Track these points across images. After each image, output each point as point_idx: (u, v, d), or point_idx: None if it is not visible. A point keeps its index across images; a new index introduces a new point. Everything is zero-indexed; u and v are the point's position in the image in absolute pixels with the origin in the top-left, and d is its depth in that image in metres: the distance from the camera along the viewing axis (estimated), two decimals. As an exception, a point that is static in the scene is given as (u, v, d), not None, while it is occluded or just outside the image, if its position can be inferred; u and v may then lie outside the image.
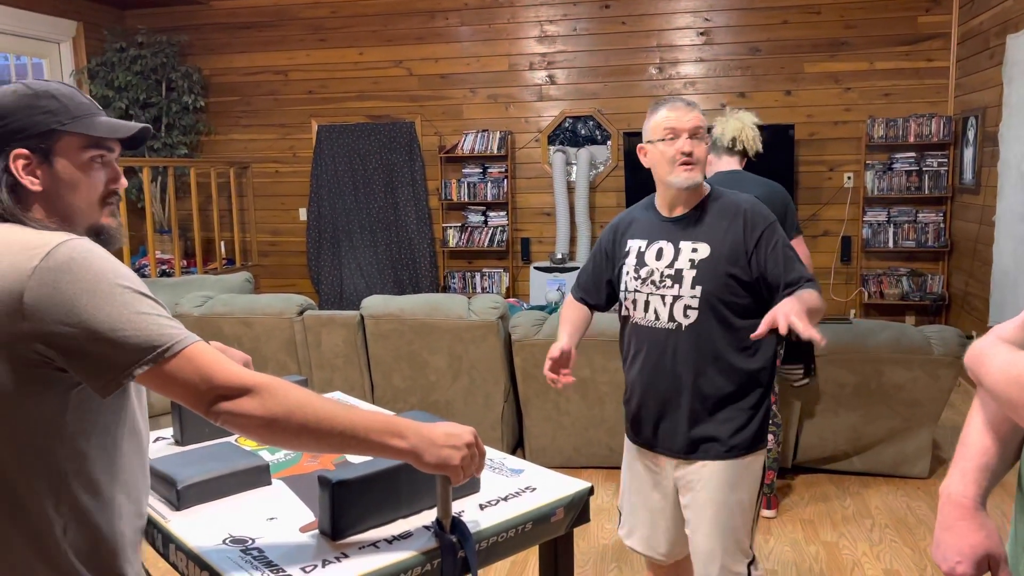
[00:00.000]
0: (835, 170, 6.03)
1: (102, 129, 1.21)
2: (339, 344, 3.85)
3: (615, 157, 6.39)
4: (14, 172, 1.17)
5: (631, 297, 2.03)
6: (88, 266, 1.09)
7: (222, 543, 1.35)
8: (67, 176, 1.20)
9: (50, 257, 1.08)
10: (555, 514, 1.49)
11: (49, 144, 1.18)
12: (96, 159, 1.22)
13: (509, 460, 1.69)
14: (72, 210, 1.21)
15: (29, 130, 1.17)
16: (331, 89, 6.82)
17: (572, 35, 6.37)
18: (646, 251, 2.01)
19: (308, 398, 1.18)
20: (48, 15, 6.22)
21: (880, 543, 3.09)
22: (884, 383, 3.52)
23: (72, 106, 1.20)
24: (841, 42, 5.94)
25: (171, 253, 6.37)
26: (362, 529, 1.36)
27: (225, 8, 6.86)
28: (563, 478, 1.60)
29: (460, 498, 1.49)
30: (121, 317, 1.09)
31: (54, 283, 1.07)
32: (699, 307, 1.92)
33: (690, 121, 1.93)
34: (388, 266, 6.83)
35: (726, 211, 1.96)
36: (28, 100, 1.18)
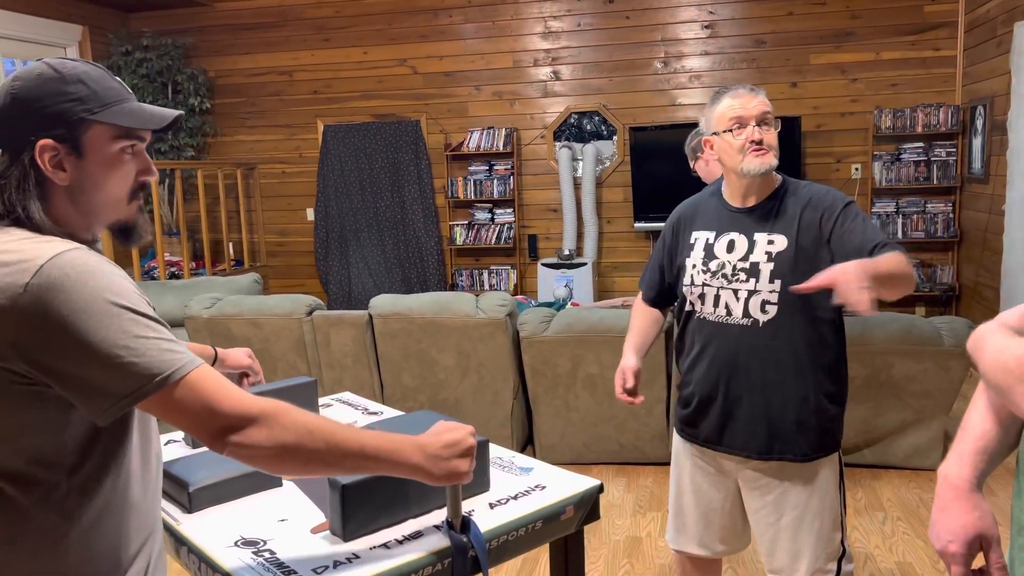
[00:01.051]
0: (842, 162, 6.00)
1: (135, 118, 1.11)
2: (348, 343, 3.86)
3: (621, 152, 6.38)
4: (41, 165, 1.08)
5: (698, 291, 1.94)
6: (83, 284, 1.01)
7: (234, 545, 1.35)
8: (96, 169, 1.10)
9: (42, 273, 1.00)
10: (565, 512, 1.48)
11: (78, 134, 1.08)
12: (127, 149, 1.12)
13: (519, 459, 1.69)
14: (98, 205, 1.12)
15: (56, 119, 1.07)
16: (336, 89, 6.83)
17: (576, 31, 6.36)
18: (715, 243, 1.92)
19: (316, 423, 1.13)
20: (54, 20, 6.24)
21: (893, 535, 3.08)
22: (894, 375, 3.50)
23: (102, 92, 1.10)
24: (847, 32, 5.91)
25: (180, 255, 6.40)
26: (373, 529, 1.36)
27: (229, 9, 6.88)
28: (572, 476, 1.59)
29: (469, 497, 1.49)
30: (118, 342, 1.01)
31: (46, 302, 0.99)
32: (779, 302, 1.83)
33: (756, 107, 1.84)
34: (396, 265, 6.84)
35: (802, 201, 1.86)
36: (55, 85, 1.08)
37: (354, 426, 1.20)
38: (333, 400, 2.10)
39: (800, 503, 1.91)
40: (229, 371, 1.87)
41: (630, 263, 6.50)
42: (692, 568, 2.17)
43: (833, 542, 1.92)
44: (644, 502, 3.42)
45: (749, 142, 1.83)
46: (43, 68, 1.10)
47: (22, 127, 1.07)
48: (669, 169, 6.11)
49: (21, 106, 1.07)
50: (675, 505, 2.12)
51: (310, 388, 1.88)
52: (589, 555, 2.99)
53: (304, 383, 1.87)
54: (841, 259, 1.76)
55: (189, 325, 4.05)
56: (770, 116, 1.86)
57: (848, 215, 1.83)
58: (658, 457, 3.74)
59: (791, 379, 1.87)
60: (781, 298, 1.83)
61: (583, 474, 1.62)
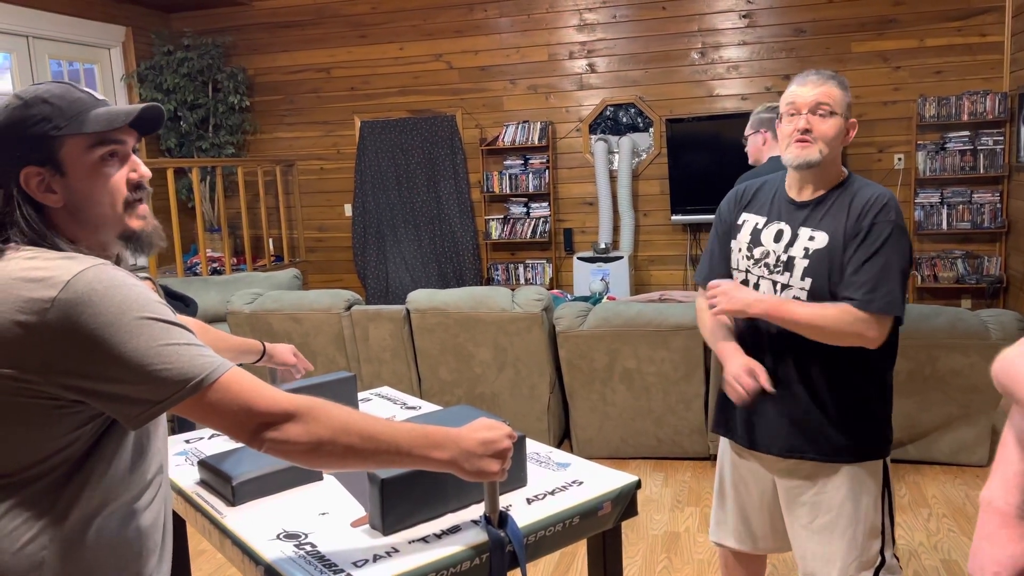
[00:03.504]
0: (885, 151, 5.88)
1: (99, 123, 1.10)
2: (386, 338, 3.90)
3: (658, 144, 6.33)
4: (30, 193, 1.08)
5: (740, 277, 1.89)
6: (111, 297, 1.02)
7: (276, 538, 1.37)
8: (82, 183, 1.10)
9: (69, 288, 1.00)
10: (602, 508, 1.48)
11: (54, 153, 1.08)
12: (107, 156, 1.11)
13: (556, 454, 1.69)
14: (99, 219, 1.12)
15: (30, 144, 1.07)
16: (373, 85, 6.88)
17: (612, 22, 6.32)
18: (763, 229, 1.87)
19: (351, 417, 1.15)
20: (98, 21, 6.38)
21: (937, 533, 3.02)
22: (939, 369, 3.43)
23: (65, 106, 1.09)
24: (889, 19, 5.78)
25: (221, 251, 6.51)
26: (411, 524, 1.37)
27: (267, 8, 6.96)
28: (610, 472, 1.59)
29: (507, 492, 1.49)
30: (150, 351, 1.02)
31: (74, 317, 1.00)
32: (808, 300, 1.78)
33: (812, 95, 1.76)
34: (432, 259, 6.87)
35: (854, 201, 1.78)
36: (20, 113, 1.08)
37: (390, 421, 1.21)
38: (372, 395, 2.12)
39: (833, 507, 1.86)
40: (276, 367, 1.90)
41: (667, 256, 6.45)
42: (734, 562, 2.15)
43: (868, 551, 1.86)
44: (682, 497, 3.40)
45: (795, 130, 1.77)
46: (8, 99, 1.11)
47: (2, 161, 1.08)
48: (707, 161, 6.05)
49: None
50: (717, 498, 2.11)
51: (349, 383, 1.89)
52: (627, 550, 2.99)
53: (343, 378, 1.89)
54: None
55: (231, 320, 4.13)
56: (828, 106, 1.76)
57: (866, 237, 1.74)
58: (696, 452, 3.71)
59: (818, 379, 1.81)
60: (811, 296, 1.78)
61: (620, 469, 1.61)
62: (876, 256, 1.73)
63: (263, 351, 1.86)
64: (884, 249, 1.73)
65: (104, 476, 1.10)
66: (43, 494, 1.07)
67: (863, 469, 1.86)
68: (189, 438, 1.93)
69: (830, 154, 1.79)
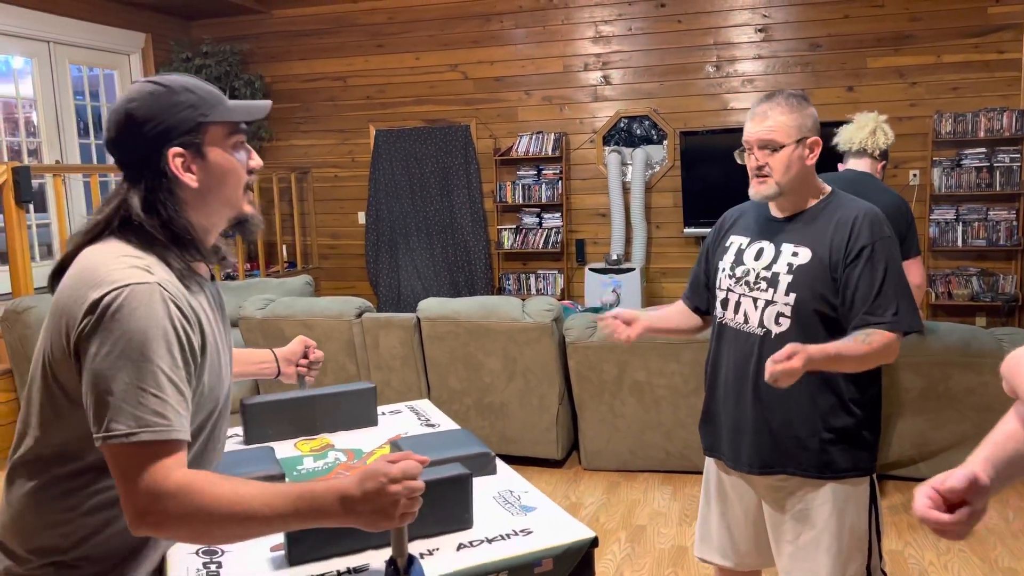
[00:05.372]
0: (900, 167, 5.86)
1: (241, 113, 1.21)
2: (396, 346, 3.91)
3: (671, 157, 6.33)
4: (174, 171, 1.17)
5: (722, 296, 1.93)
6: (127, 321, 1.08)
7: (195, 553, 1.32)
8: (220, 166, 1.20)
9: (106, 298, 1.09)
10: (540, 564, 1.32)
11: (200, 137, 1.18)
12: (239, 144, 1.23)
13: (529, 495, 1.54)
14: (225, 200, 1.22)
15: (179, 127, 1.17)
16: (388, 94, 6.92)
17: (627, 35, 6.34)
18: (746, 249, 1.91)
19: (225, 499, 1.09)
20: (119, 28, 6.46)
21: (948, 552, 2.99)
22: (952, 387, 3.40)
23: (207, 96, 1.20)
24: (906, 35, 5.76)
25: (235, 256, 6.54)
26: (321, 556, 1.28)
27: (286, 17, 7.03)
28: (571, 525, 1.40)
29: (447, 533, 1.38)
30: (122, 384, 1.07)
31: (97, 326, 1.09)
32: (791, 315, 1.79)
33: (756, 133, 1.81)
34: (444, 268, 6.89)
35: (838, 217, 1.80)
36: (168, 98, 1.18)
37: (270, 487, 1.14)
38: (404, 407, 2.08)
39: (818, 524, 1.84)
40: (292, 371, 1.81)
41: (679, 269, 6.44)
42: None
43: (851, 567, 1.85)
44: (690, 511, 3.38)
45: (750, 168, 1.83)
46: (151, 86, 1.19)
47: (147, 141, 1.17)
48: (720, 174, 6.04)
49: (142, 123, 1.17)
50: (702, 513, 2.10)
51: (368, 395, 1.87)
52: (633, 563, 2.97)
53: (363, 389, 1.87)
54: (843, 302, 1.77)
55: (243, 325, 4.15)
56: (772, 142, 1.79)
57: (870, 257, 1.75)
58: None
59: (799, 395, 1.80)
60: (795, 311, 1.80)
61: (628, 482, 1.56)
62: (887, 277, 1.75)
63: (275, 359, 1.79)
64: (890, 267, 1.76)
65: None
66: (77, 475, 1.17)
67: (849, 485, 1.84)
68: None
69: (790, 183, 1.82)
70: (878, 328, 1.73)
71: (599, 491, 3.61)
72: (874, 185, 3.06)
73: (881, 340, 1.72)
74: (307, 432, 1.80)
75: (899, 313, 1.74)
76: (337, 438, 1.81)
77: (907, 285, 1.77)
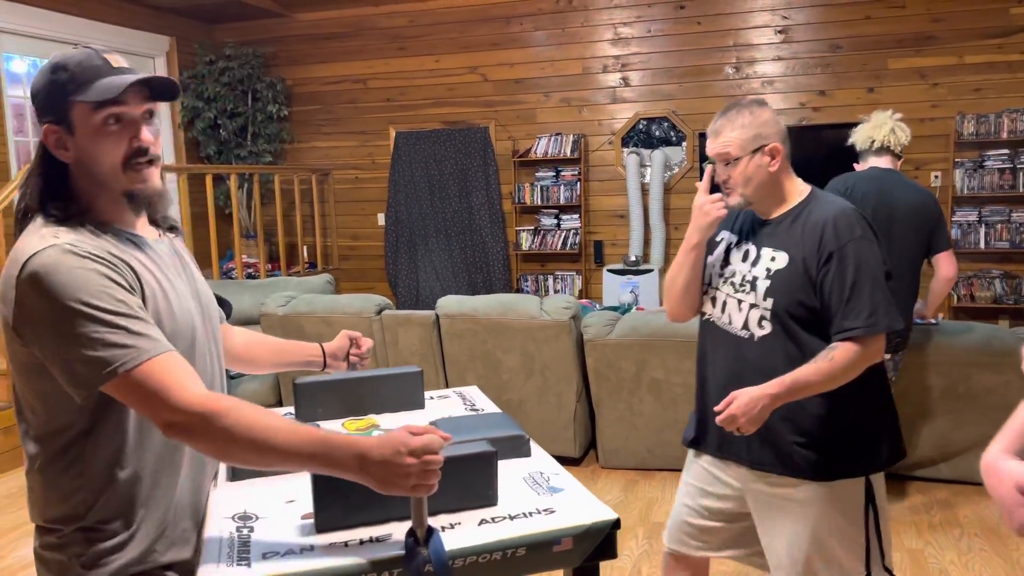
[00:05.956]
0: (921, 169, 5.82)
1: (99, 91, 1.21)
2: (415, 343, 3.94)
3: (690, 158, 6.33)
4: (48, 147, 1.24)
5: (711, 293, 1.94)
6: (48, 285, 1.14)
7: (231, 518, 1.36)
8: (87, 142, 1.23)
9: (25, 269, 1.15)
10: (559, 543, 1.32)
11: (67, 114, 1.22)
12: (109, 120, 1.22)
13: (559, 477, 1.52)
14: (102, 176, 1.25)
15: (51, 105, 1.22)
16: (409, 96, 6.97)
17: (646, 36, 6.35)
18: (734, 248, 1.92)
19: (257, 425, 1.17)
20: (144, 31, 6.56)
21: (969, 552, 2.97)
22: (973, 387, 3.38)
23: (79, 72, 1.22)
24: (928, 36, 5.73)
25: (257, 257, 6.62)
26: (348, 525, 1.30)
27: (308, 20, 7.10)
28: (594, 506, 1.39)
29: (470, 509, 1.38)
30: (74, 340, 1.13)
31: (24, 299, 1.15)
32: (771, 320, 1.81)
33: (715, 149, 1.84)
34: (462, 269, 6.92)
35: (812, 220, 1.81)
36: (47, 77, 1.23)
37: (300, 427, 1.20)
38: (452, 392, 2.10)
39: (808, 524, 1.83)
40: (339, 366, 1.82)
41: (698, 271, 6.42)
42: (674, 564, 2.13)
43: (845, 567, 1.83)
44: (708, 509, 3.38)
45: (719, 181, 1.86)
46: (47, 64, 1.25)
47: (36, 119, 1.26)
48: (739, 176, 6.03)
49: (32, 98, 1.26)
50: (678, 501, 2.10)
51: (415, 378, 1.91)
52: (650, 560, 2.98)
53: (410, 372, 1.90)
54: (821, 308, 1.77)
55: (264, 322, 4.20)
56: (726, 155, 1.82)
57: (840, 261, 1.75)
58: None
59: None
60: (774, 316, 1.80)
61: (646, 480, 1.54)
62: (859, 279, 1.74)
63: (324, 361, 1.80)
64: (862, 268, 1.75)
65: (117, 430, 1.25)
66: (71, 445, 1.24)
67: (844, 486, 1.82)
68: None
69: (754, 192, 1.84)
70: (847, 338, 1.73)
71: (617, 489, 3.61)
72: (902, 181, 3.07)
73: (844, 355, 1.72)
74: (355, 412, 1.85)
75: (874, 315, 1.73)
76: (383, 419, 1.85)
77: (882, 284, 1.76)
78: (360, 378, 1.87)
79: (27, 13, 5.55)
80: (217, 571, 1.18)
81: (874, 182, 3.04)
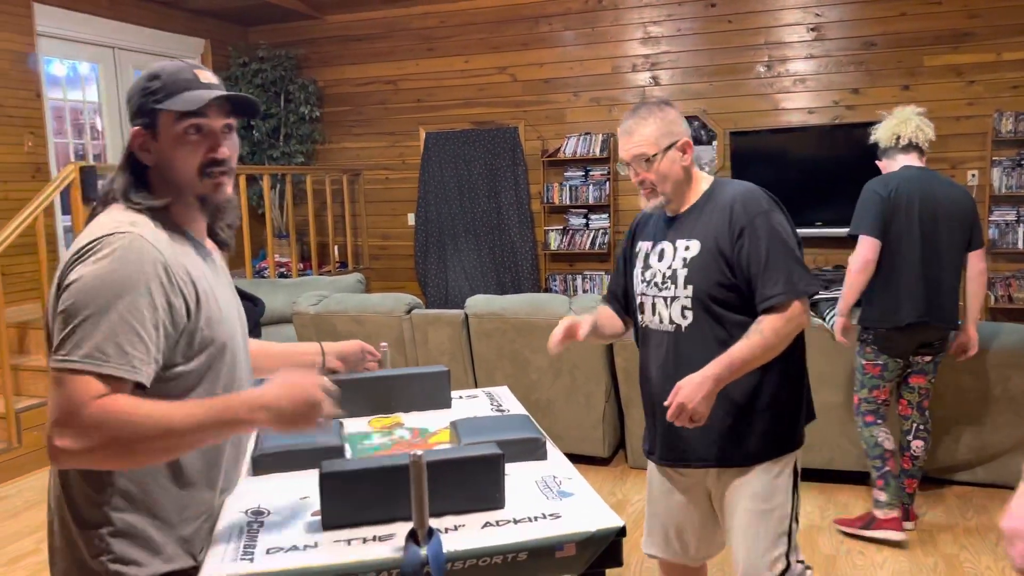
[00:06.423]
0: (958, 167, 5.72)
1: (184, 103, 1.29)
2: (444, 342, 3.96)
3: (721, 158, 6.29)
4: (133, 149, 1.33)
5: (639, 300, 1.99)
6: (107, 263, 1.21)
7: (244, 512, 1.38)
8: (168, 148, 1.31)
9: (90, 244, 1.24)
10: (562, 549, 1.29)
11: (154, 121, 1.31)
12: (190, 130, 1.31)
13: (572, 482, 1.50)
14: (178, 180, 1.33)
15: (140, 110, 1.32)
16: (438, 97, 7.01)
17: (676, 35, 6.32)
18: (651, 253, 1.97)
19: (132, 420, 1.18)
20: (180, 34, 6.68)
21: (1005, 557, 2.91)
22: (1011, 389, 3.32)
23: (169, 83, 1.31)
24: (964, 33, 5.63)
25: (289, 256, 6.70)
26: (355, 523, 1.31)
27: (339, 22, 7.17)
28: (601, 512, 1.36)
29: (476, 511, 1.37)
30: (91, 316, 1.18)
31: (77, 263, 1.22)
32: (693, 307, 1.86)
33: (630, 151, 1.87)
34: (491, 269, 6.94)
35: (718, 205, 1.87)
36: (141, 84, 1.33)
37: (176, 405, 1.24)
38: (481, 392, 2.12)
39: (750, 507, 1.89)
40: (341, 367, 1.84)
41: (728, 271, 6.37)
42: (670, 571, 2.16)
43: (771, 553, 1.88)
44: (738, 510, 3.36)
45: (636, 183, 1.89)
46: (145, 71, 1.36)
47: (130, 122, 1.35)
48: (772, 175, 5.98)
49: (127, 104, 1.35)
50: (648, 510, 2.13)
51: (442, 378, 1.92)
52: (680, 560, 2.96)
53: (437, 372, 1.92)
54: (742, 283, 1.81)
55: (297, 321, 4.25)
56: (642, 156, 1.85)
57: (752, 235, 1.80)
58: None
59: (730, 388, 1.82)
60: (694, 302, 1.86)
61: None
62: (771, 249, 1.79)
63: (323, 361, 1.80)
64: (772, 239, 1.80)
65: None
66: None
67: (771, 467, 1.88)
68: None
69: (673, 188, 1.88)
70: (770, 306, 1.77)
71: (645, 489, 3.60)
72: (940, 179, 3.03)
73: (772, 324, 1.77)
74: (382, 410, 1.87)
75: (791, 281, 1.77)
76: (409, 417, 1.86)
77: (794, 252, 1.79)
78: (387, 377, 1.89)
79: (66, 17, 5.68)
80: (221, 565, 1.20)
81: (916, 182, 2.98)
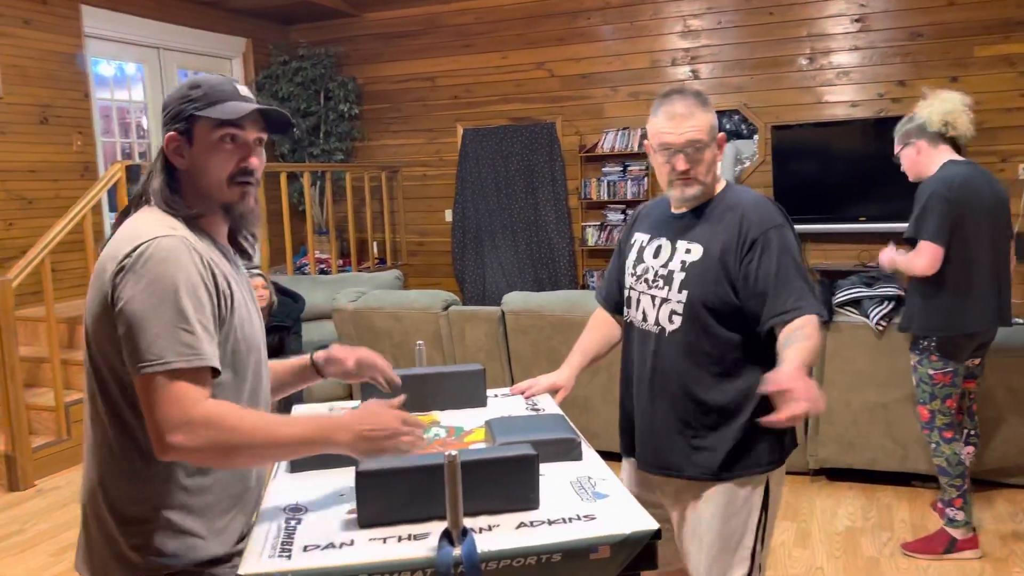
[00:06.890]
0: (1008, 161, 5.56)
1: (223, 112, 1.34)
2: (481, 338, 3.97)
3: (762, 152, 6.19)
4: (168, 152, 1.37)
5: (627, 294, 1.94)
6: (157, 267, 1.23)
7: (283, 509, 1.40)
8: (201, 154, 1.35)
9: (138, 249, 1.25)
10: (596, 551, 1.29)
11: (190, 127, 1.35)
12: (225, 138, 1.35)
13: (605, 483, 1.50)
14: (207, 186, 1.36)
15: (178, 116, 1.35)
16: (475, 93, 7.02)
17: (717, 28, 6.23)
18: (647, 247, 1.90)
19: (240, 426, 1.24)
20: (222, 33, 6.78)
21: (1057, 564, 2.83)
22: (1064, 390, 3.22)
23: (211, 92, 1.35)
24: (1016, 22, 5.46)
25: (328, 253, 6.77)
26: (392, 521, 1.32)
27: (378, 19, 7.22)
28: (637, 515, 1.36)
29: (511, 512, 1.37)
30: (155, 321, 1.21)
31: (130, 271, 1.24)
32: (683, 313, 1.77)
33: (684, 135, 1.73)
34: (528, 265, 6.94)
35: (728, 214, 1.77)
36: (182, 91, 1.37)
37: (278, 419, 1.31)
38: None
39: (713, 525, 1.80)
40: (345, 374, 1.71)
41: (769, 267, 6.28)
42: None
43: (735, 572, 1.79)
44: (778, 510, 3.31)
45: (675, 171, 1.76)
46: (186, 80, 1.40)
47: (163, 125, 1.39)
48: (814, 169, 5.88)
49: (164, 109, 1.39)
50: None
51: (478, 376, 1.93)
52: None
53: (473, 371, 1.93)
54: (744, 297, 1.71)
55: (336, 316, 4.30)
56: (700, 142, 1.74)
57: (764, 248, 1.71)
58: (794, 466, 3.60)
59: (691, 395, 1.78)
60: (686, 308, 1.77)
61: None
62: (784, 265, 1.70)
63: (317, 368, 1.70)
64: (784, 255, 1.71)
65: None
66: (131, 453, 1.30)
67: (739, 485, 1.79)
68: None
69: (711, 182, 1.80)
70: (784, 321, 1.67)
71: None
72: (988, 175, 2.85)
73: (814, 329, 1.65)
74: (419, 408, 1.87)
75: (805, 298, 1.69)
76: (445, 416, 1.88)
77: (804, 273, 1.72)
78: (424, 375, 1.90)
79: (113, 19, 5.80)
80: (259, 562, 1.22)
81: (975, 181, 2.79)
